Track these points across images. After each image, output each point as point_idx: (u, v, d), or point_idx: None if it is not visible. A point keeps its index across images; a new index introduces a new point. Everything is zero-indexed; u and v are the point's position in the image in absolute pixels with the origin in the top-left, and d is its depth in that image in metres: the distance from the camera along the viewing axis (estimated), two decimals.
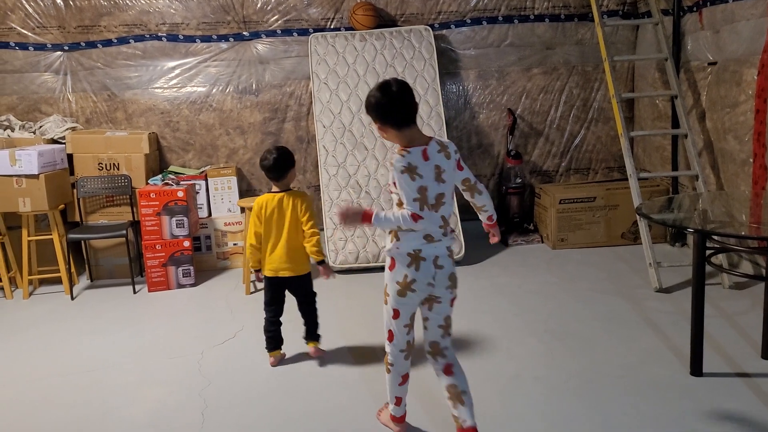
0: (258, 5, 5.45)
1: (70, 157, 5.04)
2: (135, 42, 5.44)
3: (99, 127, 5.50)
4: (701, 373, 3.05)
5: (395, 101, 2.31)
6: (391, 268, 2.42)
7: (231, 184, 5.25)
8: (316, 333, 3.44)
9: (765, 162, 3.96)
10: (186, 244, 4.78)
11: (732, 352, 3.28)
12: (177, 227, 4.76)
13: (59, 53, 5.42)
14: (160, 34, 5.45)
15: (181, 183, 4.93)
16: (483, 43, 5.67)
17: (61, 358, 3.65)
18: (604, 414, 2.77)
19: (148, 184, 5.00)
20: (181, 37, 5.47)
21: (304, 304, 3.40)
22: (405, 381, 2.60)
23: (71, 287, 4.73)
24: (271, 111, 5.61)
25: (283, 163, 3.22)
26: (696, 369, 3.06)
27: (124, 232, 4.72)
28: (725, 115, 4.44)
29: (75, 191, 4.95)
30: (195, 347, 3.68)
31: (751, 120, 4.11)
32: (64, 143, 5.05)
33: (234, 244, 5.20)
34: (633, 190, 4.55)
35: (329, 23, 5.54)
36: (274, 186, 3.29)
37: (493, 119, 5.77)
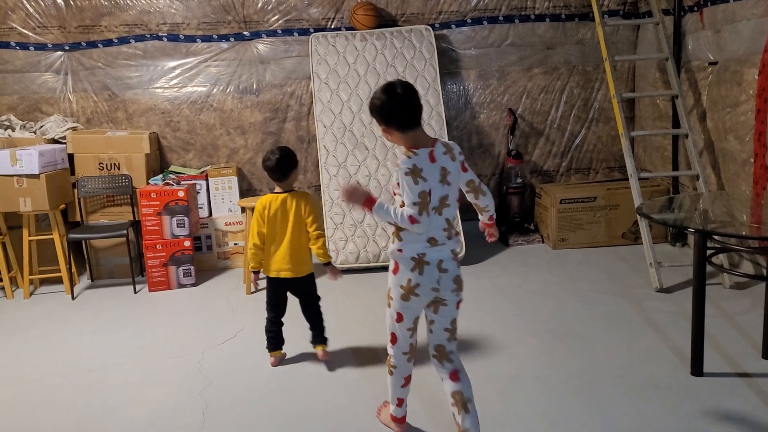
0: (259, 5, 5.45)
1: (70, 157, 5.04)
2: (136, 42, 5.44)
3: (100, 127, 5.51)
4: (702, 373, 3.05)
5: (400, 103, 2.28)
6: (395, 271, 2.38)
7: (231, 183, 5.25)
8: (323, 336, 3.39)
9: (766, 162, 3.95)
10: (187, 243, 4.78)
11: (733, 352, 3.28)
12: (178, 227, 4.76)
13: (60, 53, 5.43)
14: (160, 34, 5.45)
15: (182, 183, 4.93)
16: (484, 43, 5.67)
17: (62, 357, 3.65)
18: (604, 414, 2.77)
19: (148, 183, 5.00)
20: (182, 37, 5.47)
21: (308, 306, 3.36)
22: (407, 383, 2.59)
23: (72, 287, 4.73)
24: (272, 111, 5.61)
25: (286, 164, 3.21)
26: (697, 369, 3.06)
27: (124, 231, 4.72)
28: (726, 115, 4.44)
29: (76, 191, 4.96)
30: (196, 347, 3.68)
31: (752, 120, 4.11)
32: (64, 143, 5.05)
33: (234, 243, 5.21)
34: (634, 190, 4.54)
35: (330, 23, 5.54)
36: (277, 186, 3.27)
37: (494, 119, 5.77)
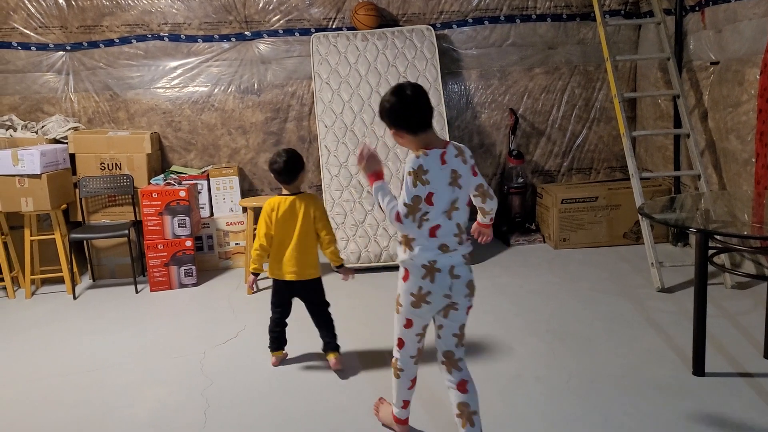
0: (260, 5, 5.46)
1: (72, 157, 5.04)
2: (137, 42, 5.45)
3: (101, 127, 5.51)
4: (703, 373, 3.05)
5: (410, 105, 2.23)
6: (405, 279, 2.32)
7: (233, 183, 5.25)
8: (335, 343, 3.31)
9: (767, 162, 3.95)
10: (188, 243, 4.78)
11: (734, 351, 3.28)
12: (179, 227, 4.76)
13: (61, 53, 5.43)
14: (162, 34, 5.45)
15: (183, 183, 4.93)
16: (485, 43, 5.67)
17: (63, 357, 3.66)
18: (605, 414, 2.77)
19: (150, 183, 5.01)
20: (183, 37, 5.48)
21: (316, 312, 3.31)
22: (413, 385, 2.57)
23: (73, 287, 4.73)
24: (273, 111, 5.61)
25: (293, 166, 3.18)
26: (698, 369, 3.06)
27: (126, 231, 4.72)
28: (727, 115, 4.43)
29: (77, 191, 4.96)
30: (197, 347, 3.69)
31: (754, 120, 4.11)
32: (66, 143, 5.05)
33: (236, 243, 5.21)
34: (635, 189, 4.54)
35: (331, 23, 5.54)
36: (284, 189, 3.26)
37: (495, 119, 5.77)
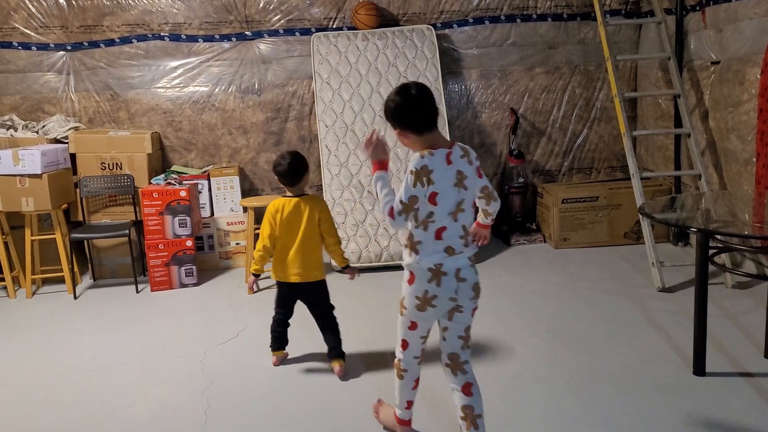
0: (260, 5, 5.46)
1: (73, 157, 5.04)
2: (137, 42, 5.45)
3: (102, 127, 5.51)
4: (704, 373, 3.05)
5: (414, 104, 2.21)
6: (410, 282, 2.28)
7: (233, 183, 5.25)
8: (340, 350, 3.28)
9: None
10: (188, 243, 4.78)
11: (735, 351, 3.28)
12: (179, 227, 4.76)
13: (62, 53, 5.43)
14: (162, 33, 5.45)
15: (184, 183, 4.93)
16: (485, 43, 5.66)
17: (64, 357, 3.66)
18: (606, 414, 2.77)
19: (150, 183, 5.01)
20: (184, 37, 5.48)
21: (321, 316, 3.29)
22: (417, 385, 2.54)
23: (74, 287, 4.74)
24: (274, 111, 5.61)
25: (297, 169, 3.17)
26: (699, 369, 3.06)
27: (126, 231, 4.72)
28: (728, 115, 4.43)
29: (78, 191, 4.96)
30: (198, 347, 3.69)
31: (754, 119, 4.10)
32: (67, 143, 5.06)
33: (236, 243, 5.21)
34: (636, 189, 4.54)
35: (331, 23, 5.54)
36: (287, 191, 3.25)
37: (496, 119, 5.77)
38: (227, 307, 4.33)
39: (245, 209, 5.09)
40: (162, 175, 5.09)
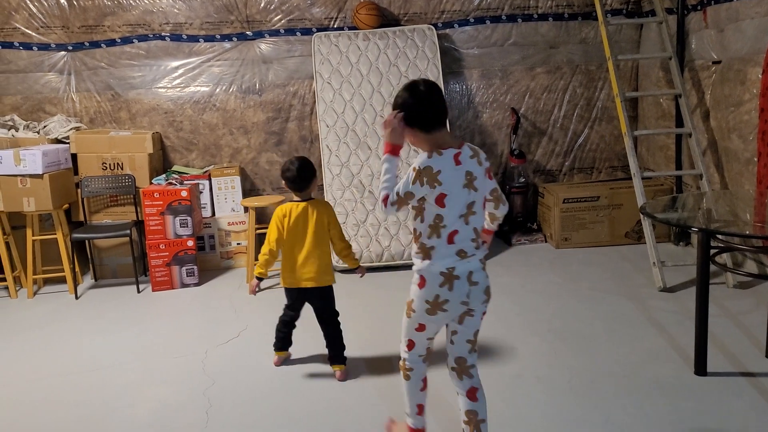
0: (261, 5, 5.46)
1: (74, 157, 5.05)
2: (138, 42, 5.45)
3: (103, 127, 5.52)
4: (705, 373, 3.05)
5: (423, 101, 2.17)
6: (421, 286, 2.22)
7: (234, 183, 5.26)
8: (342, 356, 3.26)
9: None
10: (190, 243, 4.79)
11: (736, 351, 3.28)
12: (181, 227, 4.77)
13: (63, 53, 5.44)
14: (163, 33, 5.46)
15: (185, 183, 4.94)
16: (486, 43, 5.66)
17: (65, 357, 3.66)
18: (606, 414, 2.76)
19: (151, 183, 5.01)
20: (185, 37, 5.48)
21: (326, 323, 3.27)
22: (425, 385, 2.45)
23: (75, 287, 4.74)
24: (275, 110, 5.61)
25: (305, 174, 3.16)
26: (700, 368, 3.06)
27: (128, 231, 4.72)
28: (729, 114, 4.43)
29: (79, 191, 4.97)
30: (199, 347, 3.69)
31: (756, 119, 4.10)
32: (68, 143, 5.06)
33: (237, 243, 5.21)
34: (637, 189, 4.54)
35: (332, 23, 5.54)
36: (295, 195, 3.24)
37: (497, 118, 5.77)
38: (228, 307, 4.33)
39: (246, 209, 5.09)
40: (163, 175, 5.09)
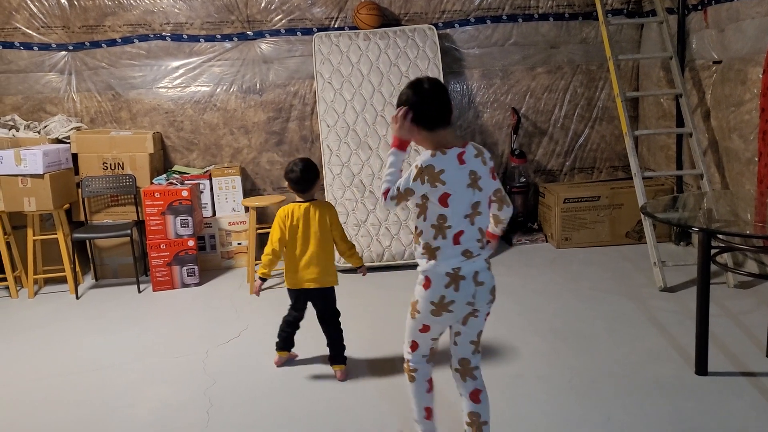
0: (262, 5, 5.46)
1: (74, 157, 5.05)
2: (139, 42, 5.45)
3: (103, 127, 5.52)
4: (706, 373, 3.05)
5: (427, 99, 2.15)
6: (426, 287, 2.20)
7: (235, 183, 5.26)
8: (342, 356, 3.26)
9: None
10: (190, 243, 4.79)
11: (737, 351, 3.28)
12: (181, 227, 4.77)
13: (64, 53, 5.44)
14: (164, 33, 5.46)
15: (186, 182, 4.94)
16: (487, 42, 5.66)
17: (66, 357, 3.67)
18: (607, 413, 2.76)
19: (152, 183, 5.01)
20: (185, 37, 5.48)
21: (327, 323, 3.27)
22: (431, 387, 2.41)
23: (76, 286, 4.74)
24: (275, 110, 5.62)
25: (309, 175, 3.17)
26: (701, 368, 3.06)
27: (128, 231, 4.73)
28: (730, 114, 4.42)
29: (80, 191, 4.97)
30: (199, 346, 3.69)
31: (756, 119, 4.10)
32: (68, 143, 5.06)
33: (238, 243, 5.21)
34: (637, 189, 4.54)
35: (333, 23, 5.54)
36: (298, 197, 3.23)
37: (497, 118, 5.77)
38: (229, 307, 4.33)
39: (247, 209, 5.09)
40: (164, 175, 5.09)
